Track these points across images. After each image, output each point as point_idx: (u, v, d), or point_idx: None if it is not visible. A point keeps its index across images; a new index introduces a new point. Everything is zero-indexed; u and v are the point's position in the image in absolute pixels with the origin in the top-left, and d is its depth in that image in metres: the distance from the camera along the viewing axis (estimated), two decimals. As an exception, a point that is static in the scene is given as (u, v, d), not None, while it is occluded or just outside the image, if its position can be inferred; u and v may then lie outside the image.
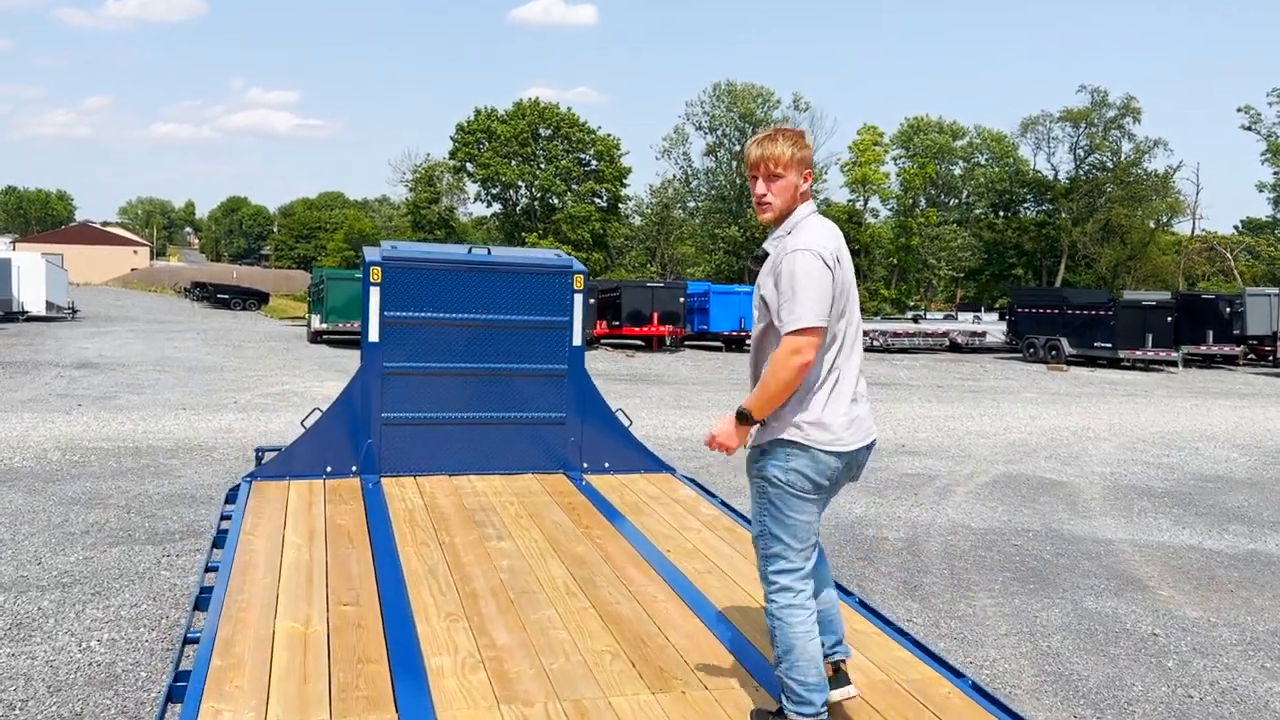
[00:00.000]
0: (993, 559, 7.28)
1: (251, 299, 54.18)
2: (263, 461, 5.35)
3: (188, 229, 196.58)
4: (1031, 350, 29.32)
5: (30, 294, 34.94)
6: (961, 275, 66.73)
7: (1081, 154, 65.30)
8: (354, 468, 5.11)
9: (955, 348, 32.57)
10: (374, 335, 5.02)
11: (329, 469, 5.08)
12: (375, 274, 5.00)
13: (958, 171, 67.21)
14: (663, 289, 29.80)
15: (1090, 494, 9.97)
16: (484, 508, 4.66)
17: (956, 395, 19.25)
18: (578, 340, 5.38)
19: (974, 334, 32.99)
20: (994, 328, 34.21)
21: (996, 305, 58.79)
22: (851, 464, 3.03)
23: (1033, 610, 6.19)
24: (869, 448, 3.06)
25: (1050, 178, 66.64)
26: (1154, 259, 64.42)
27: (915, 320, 37.01)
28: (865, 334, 31.17)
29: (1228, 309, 28.55)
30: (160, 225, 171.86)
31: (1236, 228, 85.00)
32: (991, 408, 17.14)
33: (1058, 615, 6.11)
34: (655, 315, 28.56)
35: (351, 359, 23.01)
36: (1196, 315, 28.28)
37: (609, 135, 63.96)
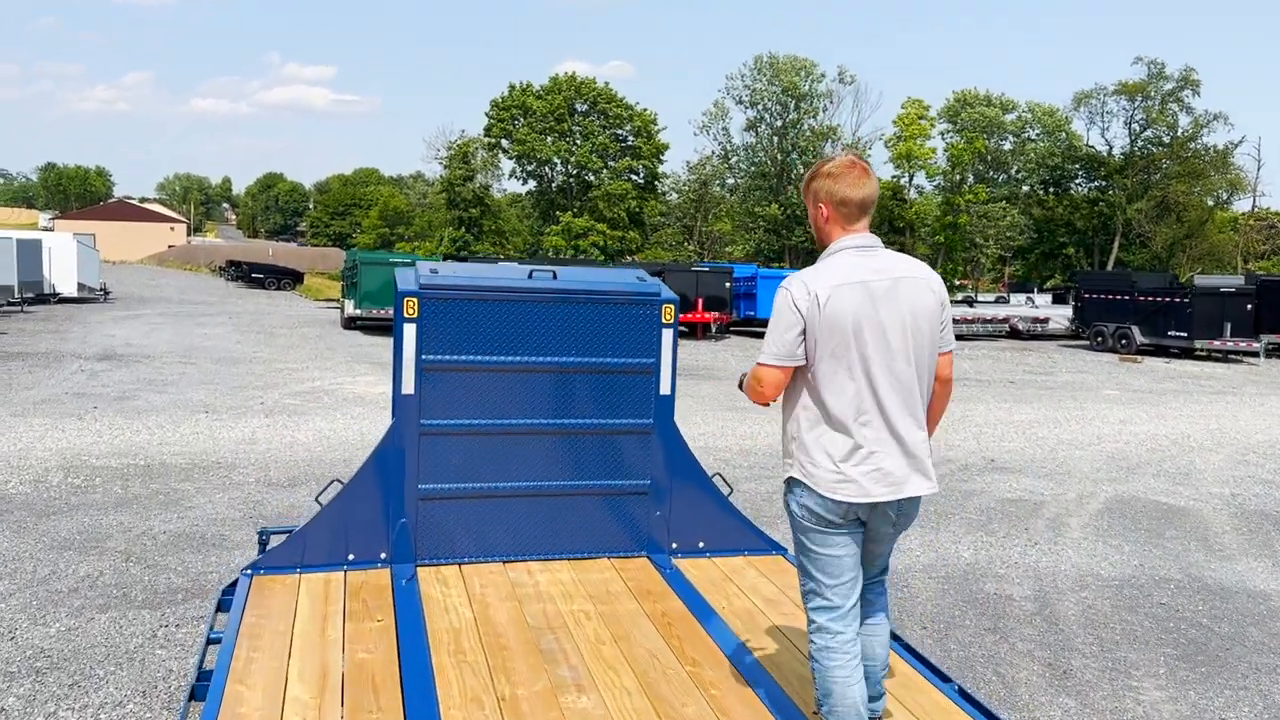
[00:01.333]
0: (1143, 626, 6.09)
1: (286, 278, 53.68)
2: (268, 546, 4.26)
3: (225, 205, 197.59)
4: (1100, 339, 27.76)
5: (62, 275, 34.34)
6: (1010, 254, 64.80)
7: (1137, 128, 63.02)
8: (383, 555, 4.01)
9: (1016, 334, 31.05)
10: (408, 385, 3.90)
11: (351, 557, 3.98)
12: (410, 306, 3.88)
13: (1007, 147, 65.10)
14: (708, 273, 28.48)
15: (1219, 525, 8.72)
16: (552, 623, 3.54)
17: (1033, 394, 17.91)
18: (667, 388, 4.24)
19: (1036, 320, 31.41)
20: (1056, 313, 32.59)
21: (1047, 285, 56.99)
22: (884, 512, 2.90)
23: (1215, 708, 5.01)
24: (909, 501, 2.93)
25: (1104, 153, 64.39)
26: (1210, 237, 62.13)
27: (970, 304, 35.43)
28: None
29: (1312, 295, 26.81)
30: (198, 201, 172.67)
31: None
32: (1075, 409, 15.82)
33: (1249, 716, 4.92)
34: (700, 301, 27.32)
35: (387, 349, 22.04)
36: (1276, 301, 26.57)
37: (646, 110, 62.50)
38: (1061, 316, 31.85)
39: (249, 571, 3.89)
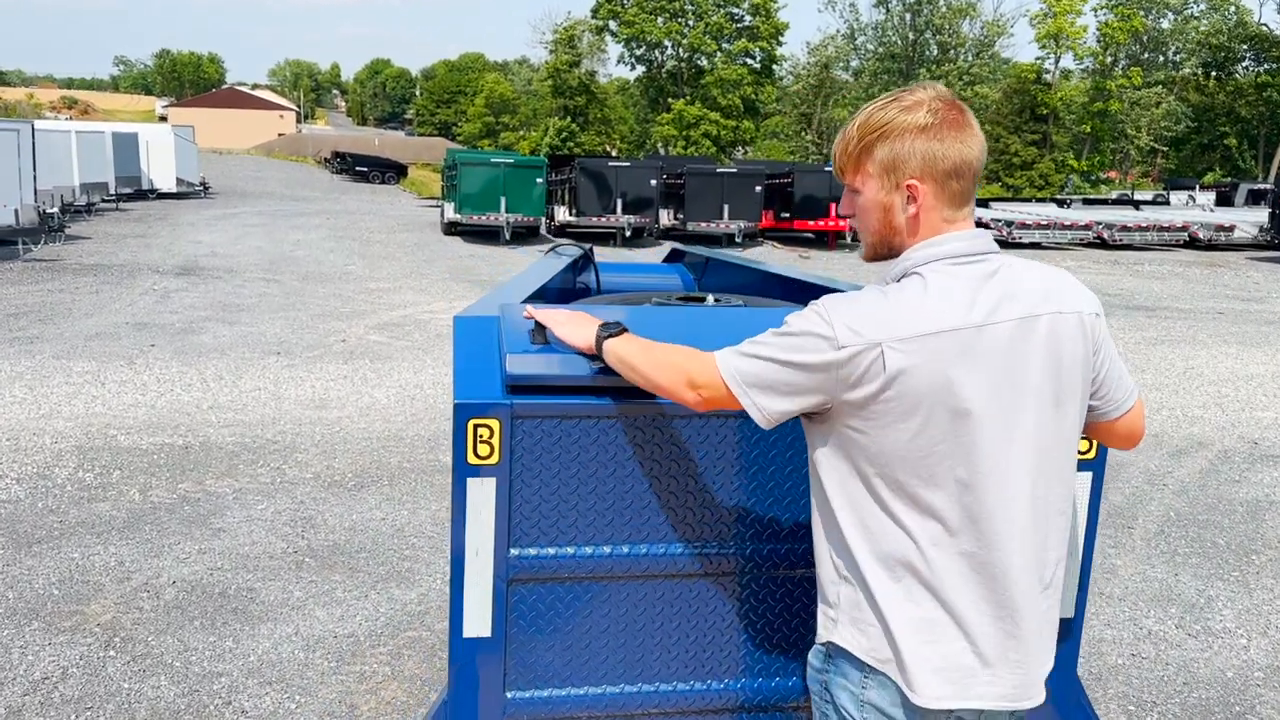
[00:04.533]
0: None
1: (390, 171, 52.40)
2: None
3: (334, 92, 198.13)
4: (1301, 252, 24.07)
5: (160, 170, 33.24)
6: (1165, 147, 59.06)
7: (1320, 1, 55.98)
8: None
9: (1193, 243, 27.33)
10: (478, 619, 1.73)
11: None
12: (483, 441, 1.67)
13: (1166, 25, 58.76)
14: (843, 173, 25.47)
15: None
16: None
17: (1255, 331, 14.88)
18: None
19: (1220, 228, 27.49)
20: (1240, 218, 28.57)
21: (1203, 182, 51.76)
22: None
23: None
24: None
25: (1278, 32, 57.56)
26: (1397, 126, 55.43)
27: (1136, 206, 31.50)
28: (1085, 227, 26.13)
29: None
30: (308, 89, 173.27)
31: None
32: (1320, 356, 12.86)
33: None
34: (833, 206, 24.46)
35: (489, 261, 20.04)
36: None
37: (765, -14, 58.05)
38: (1249, 223, 27.84)
39: None
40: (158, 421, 7.93)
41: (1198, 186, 43.42)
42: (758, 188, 24.35)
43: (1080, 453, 1.98)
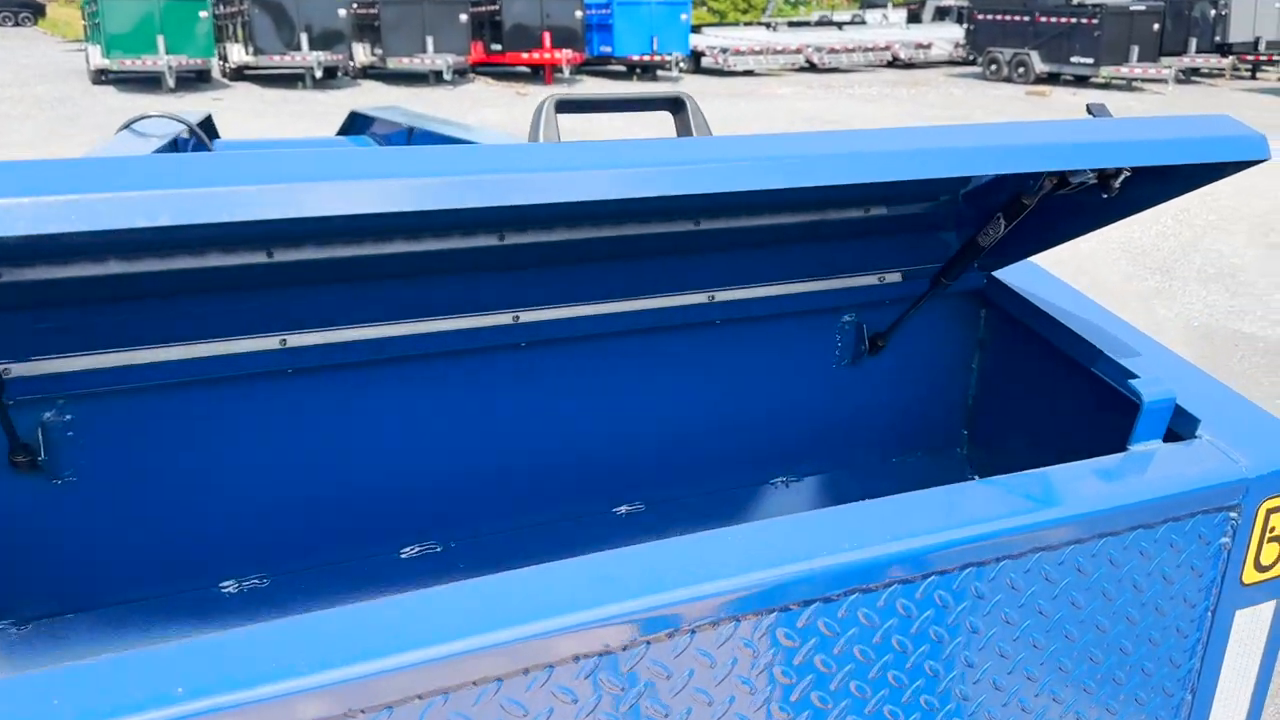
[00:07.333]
0: None
1: (25, 11, 44.49)
2: None
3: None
4: (994, 67, 24.99)
5: None
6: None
7: None
8: None
9: (895, 62, 27.97)
10: None
11: None
12: None
13: None
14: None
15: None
16: None
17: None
18: None
19: (919, 45, 28.24)
20: (936, 35, 29.50)
21: (894, 0, 53.63)
22: None
23: None
24: None
25: None
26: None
27: (839, 27, 31.82)
28: (795, 51, 26.03)
29: (1211, 11, 24.61)
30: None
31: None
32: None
33: None
34: (547, 35, 22.71)
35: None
36: (1177, 21, 24.32)
37: None
38: (944, 40, 28.79)
39: None
40: None
41: (889, 4, 44.73)
42: (463, 16, 22.15)
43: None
